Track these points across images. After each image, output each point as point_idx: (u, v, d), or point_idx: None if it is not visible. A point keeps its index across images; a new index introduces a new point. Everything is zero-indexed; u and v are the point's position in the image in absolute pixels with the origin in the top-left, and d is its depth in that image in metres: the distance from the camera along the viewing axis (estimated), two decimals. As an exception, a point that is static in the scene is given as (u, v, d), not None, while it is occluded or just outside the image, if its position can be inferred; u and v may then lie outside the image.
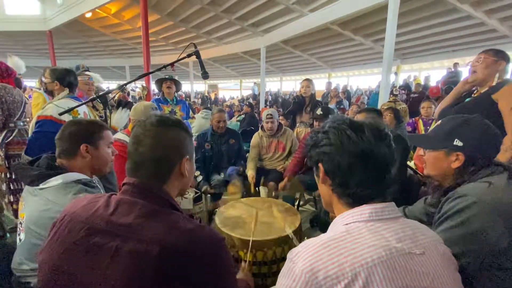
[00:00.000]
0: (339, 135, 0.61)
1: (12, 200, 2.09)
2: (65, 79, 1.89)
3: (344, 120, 0.64)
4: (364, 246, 0.54)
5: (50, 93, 2.01)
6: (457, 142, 0.88)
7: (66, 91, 1.89)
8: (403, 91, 6.93)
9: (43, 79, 2.02)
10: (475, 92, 1.74)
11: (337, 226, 0.62)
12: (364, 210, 0.59)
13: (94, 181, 1.08)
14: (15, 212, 2.13)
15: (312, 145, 0.67)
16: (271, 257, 1.30)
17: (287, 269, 0.56)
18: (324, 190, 0.68)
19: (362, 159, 0.60)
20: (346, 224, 0.60)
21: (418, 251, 0.57)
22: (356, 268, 0.51)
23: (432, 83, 8.20)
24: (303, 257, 0.54)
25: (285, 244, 1.33)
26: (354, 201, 0.62)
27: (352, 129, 0.61)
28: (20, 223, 1.01)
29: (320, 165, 0.65)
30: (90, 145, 1.06)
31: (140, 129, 0.70)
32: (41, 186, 0.98)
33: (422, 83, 8.68)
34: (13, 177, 2.03)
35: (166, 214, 0.64)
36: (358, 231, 0.57)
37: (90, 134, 1.07)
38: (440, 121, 1.00)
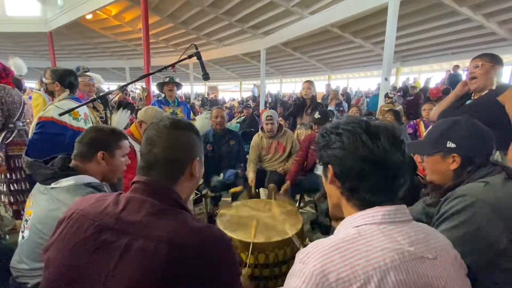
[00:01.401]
0: (354, 140, 0.59)
1: (12, 201, 2.08)
2: (66, 80, 1.88)
3: (359, 123, 0.61)
4: (377, 249, 0.53)
5: (51, 94, 2.00)
6: (450, 144, 0.90)
7: (67, 92, 1.88)
8: (399, 93, 6.92)
9: (44, 79, 2.01)
10: (473, 94, 1.74)
11: (346, 227, 0.61)
12: (377, 212, 0.58)
13: (103, 186, 1.10)
14: (16, 213, 2.11)
15: (323, 145, 0.65)
16: (273, 259, 1.29)
17: (296, 269, 0.55)
18: (332, 190, 0.67)
19: (375, 167, 0.58)
20: (357, 226, 0.59)
21: (431, 256, 0.56)
22: (369, 272, 0.50)
23: (431, 85, 8.21)
24: (314, 258, 0.53)
25: (287, 246, 1.32)
26: (364, 204, 0.60)
27: (368, 135, 0.59)
28: (26, 220, 1.02)
29: (330, 167, 0.64)
30: (107, 153, 1.09)
31: (153, 131, 0.71)
32: (52, 185, 1.00)
33: (422, 85, 8.70)
34: (13, 178, 2.02)
35: (175, 213, 0.64)
36: (371, 233, 0.56)
37: (109, 142, 1.11)
38: (431, 126, 1.01)
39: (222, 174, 2.57)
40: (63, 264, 0.61)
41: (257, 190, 2.80)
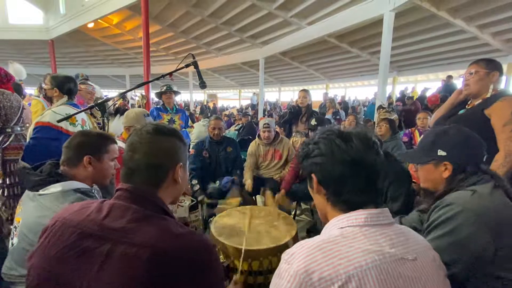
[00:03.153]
0: (329, 145, 0.64)
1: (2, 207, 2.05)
2: (65, 86, 1.91)
3: (332, 130, 0.67)
4: (358, 250, 0.55)
5: (50, 100, 2.02)
6: (441, 152, 0.92)
7: (65, 98, 1.90)
8: (398, 103, 7.00)
9: (43, 85, 2.03)
10: (469, 102, 1.67)
11: (331, 228, 0.63)
12: (360, 215, 0.61)
13: (93, 191, 1.09)
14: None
15: (304, 156, 0.69)
16: (266, 266, 1.29)
17: (282, 269, 0.57)
18: (319, 200, 0.69)
19: (353, 167, 0.62)
20: (341, 227, 0.61)
21: (411, 257, 0.58)
22: (350, 271, 0.52)
23: (428, 94, 8.29)
24: (298, 258, 0.55)
25: (281, 253, 1.31)
26: (348, 207, 0.63)
27: (341, 138, 0.63)
28: (15, 227, 1.01)
29: (313, 175, 0.67)
30: (94, 158, 1.07)
31: (136, 137, 0.71)
32: (40, 192, 0.99)
33: (419, 94, 8.79)
34: (8, 182, 2.01)
35: (158, 219, 0.64)
36: (353, 235, 0.58)
37: (96, 147, 1.09)
38: (422, 135, 1.04)
39: (218, 182, 2.57)
40: (46, 271, 0.61)
41: (253, 197, 2.80)
